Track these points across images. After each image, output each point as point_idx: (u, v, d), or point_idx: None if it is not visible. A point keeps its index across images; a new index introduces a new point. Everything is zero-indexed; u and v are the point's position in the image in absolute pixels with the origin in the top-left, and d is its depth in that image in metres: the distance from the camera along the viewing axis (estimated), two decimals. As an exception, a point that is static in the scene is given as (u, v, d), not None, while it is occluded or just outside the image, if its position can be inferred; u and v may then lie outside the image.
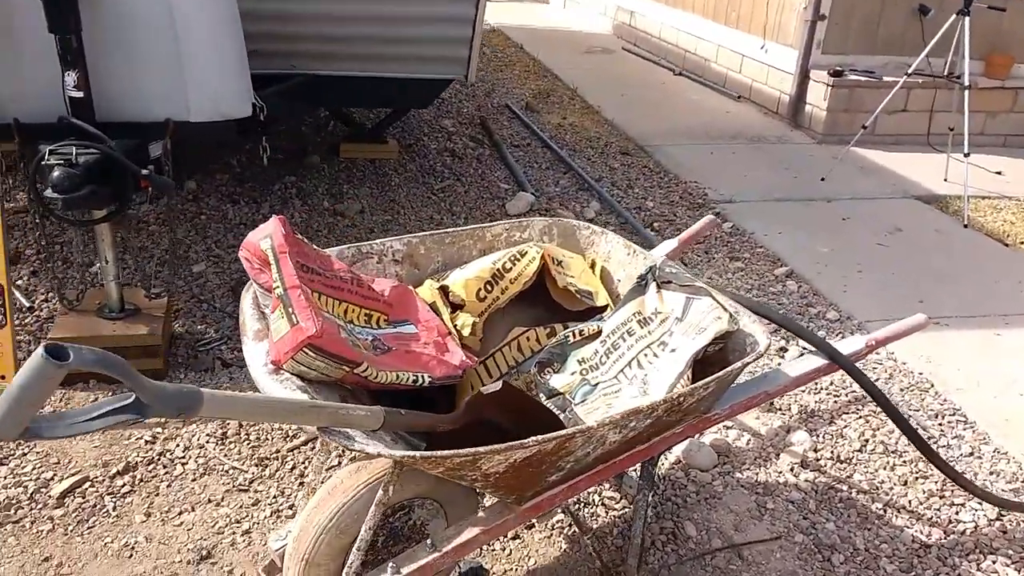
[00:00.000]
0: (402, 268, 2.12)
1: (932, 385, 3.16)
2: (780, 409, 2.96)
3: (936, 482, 2.61)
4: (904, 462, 2.70)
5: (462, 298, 2.06)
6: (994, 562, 2.33)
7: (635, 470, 2.36)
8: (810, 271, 4.11)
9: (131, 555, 2.12)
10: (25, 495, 2.25)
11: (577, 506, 2.42)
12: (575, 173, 5.16)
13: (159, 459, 2.44)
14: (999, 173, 5.71)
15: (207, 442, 2.52)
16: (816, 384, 3.06)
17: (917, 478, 2.64)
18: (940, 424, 2.94)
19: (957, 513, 2.51)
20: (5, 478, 2.31)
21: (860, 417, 2.92)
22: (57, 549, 2.11)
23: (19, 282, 3.34)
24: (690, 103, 6.97)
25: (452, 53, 3.94)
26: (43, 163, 2.45)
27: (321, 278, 1.72)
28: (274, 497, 2.34)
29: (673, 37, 8.12)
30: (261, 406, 1.25)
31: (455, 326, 1.99)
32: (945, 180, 5.43)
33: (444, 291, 2.04)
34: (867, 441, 2.81)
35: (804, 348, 3.28)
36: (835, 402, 3.01)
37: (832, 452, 2.75)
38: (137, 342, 2.78)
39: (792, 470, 2.65)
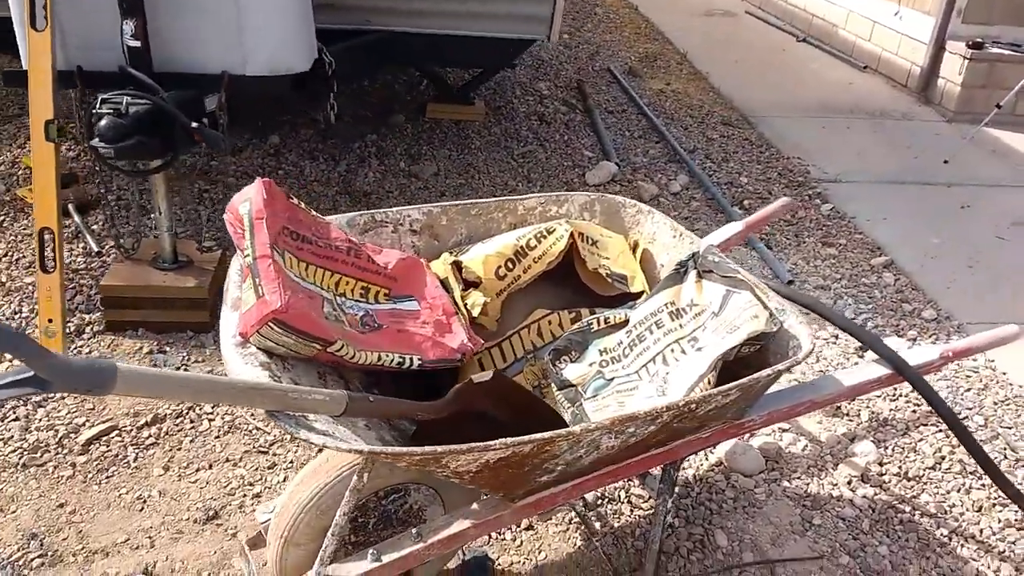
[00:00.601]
0: (420, 239, 2.01)
1: (1034, 402, 2.80)
2: (847, 414, 2.69)
3: (1015, 511, 2.29)
4: (983, 486, 2.40)
5: (478, 275, 1.93)
6: (1074, 616, 2.03)
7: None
8: (913, 263, 3.73)
9: (142, 508, 2.14)
10: (54, 439, 2.31)
11: (599, 502, 2.27)
12: (667, 143, 4.88)
13: (187, 413, 2.46)
14: None
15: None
16: (894, 389, 2.76)
17: (995, 505, 2.33)
18: (1036, 448, 2.59)
19: (1037, 552, 2.20)
20: (40, 421, 2.38)
21: (940, 431, 2.61)
22: (73, 496, 2.16)
23: (94, 227, 3.46)
24: (809, 72, 6.48)
25: (533, 11, 3.75)
26: (94, 111, 2.47)
27: (312, 247, 1.63)
28: (290, 462, 2.32)
29: (801, 0, 7.57)
30: (189, 385, 1.18)
31: (465, 305, 1.86)
32: (1092, 169, 4.82)
33: (458, 266, 1.92)
34: (943, 459, 2.50)
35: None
36: (913, 411, 2.70)
37: (900, 468, 2.47)
38: (184, 294, 2.81)
39: (849, 484, 2.40)
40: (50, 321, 2.64)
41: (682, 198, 4.30)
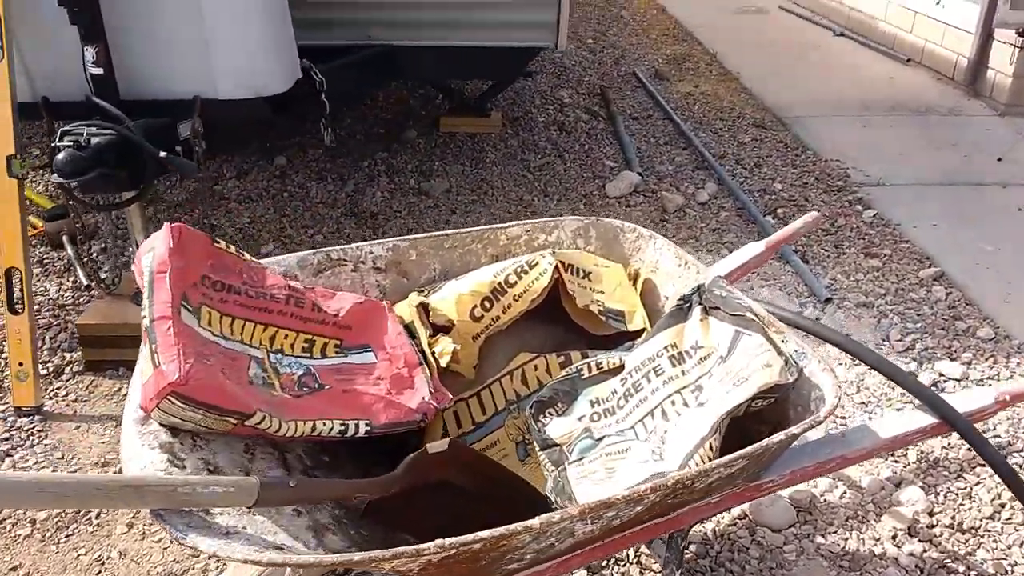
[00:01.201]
0: (386, 278, 1.78)
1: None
2: (892, 454, 2.38)
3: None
4: (1052, 542, 2.07)
5: (449, 318, 1.70)
6: None
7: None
8: (965, 274, 3.38)
9: (100, 571, 1.95)
10: (11, 497, 2.14)
11: (604, 564, 2.01)
12: (695, 149, 4.59)
13: (156, 467, 2.26)
14: None
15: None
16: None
17: (1067, 567, 2.01)
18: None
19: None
20: (6, 471, 2.22)
21: (1000, 474, 2.28)
22: (29, 557, 1.98)
23: (87, 259, 3.31)
24: (847, 68, 6.11)
25: (538, 18, 3.51)
26: (53, 144, 2.31)
27: (240, 298, 1.42)
28: (262, 522, 2.10)
29: (837, -8, 7.18)
30: (46, 489, 0.97)
31: (433, 353, 1.62)
32: None
33: (424, 309, 1.69)
34: (1002, 506, 2.18)
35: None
36: (968, 450, 2.38)
37: (953, 518, 2.15)
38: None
39: (895, 538, 2.10)
40: (20, 364, 2.49)
41: (710, 208, 4.01)
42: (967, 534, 2.12)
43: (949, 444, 2.41)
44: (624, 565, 2.03)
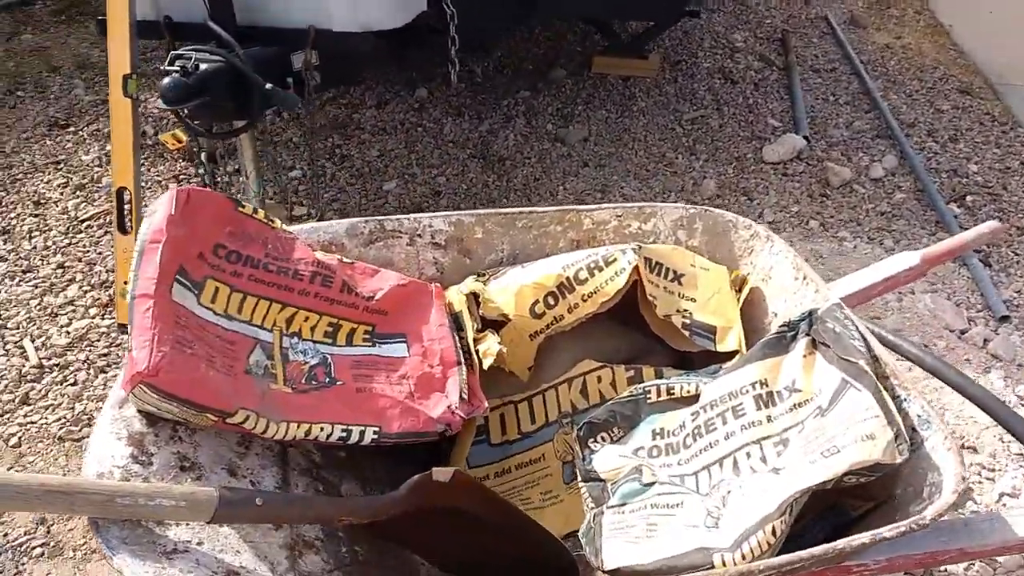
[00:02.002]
0: (445, 255, 1.58)
1: None
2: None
3: None
4: None
5: (504, 312, 1.49)
6: None
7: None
8: None
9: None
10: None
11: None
12: (880, 113, 4.01)
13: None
14: None
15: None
16: None
17: None
18: None
19: None
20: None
21: None
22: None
23: (220, 179, 3.37)
24: (1094, 28, 5.11)
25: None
26: (162, 68, 2.26)
27: (258, 272, 1.27)
28: None
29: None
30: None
31: (477, 352, 1.43)
32: None
33: (475, 298, 1.48)
34: None
35: None
36: None
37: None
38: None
39: (1031, 636, 1.72)
40: (125, 283, 2.53)
41: (883, 186, 3.49)
42: None
43: None
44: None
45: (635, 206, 1.65)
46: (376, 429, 1.25)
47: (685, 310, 1.54)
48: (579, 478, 1.38)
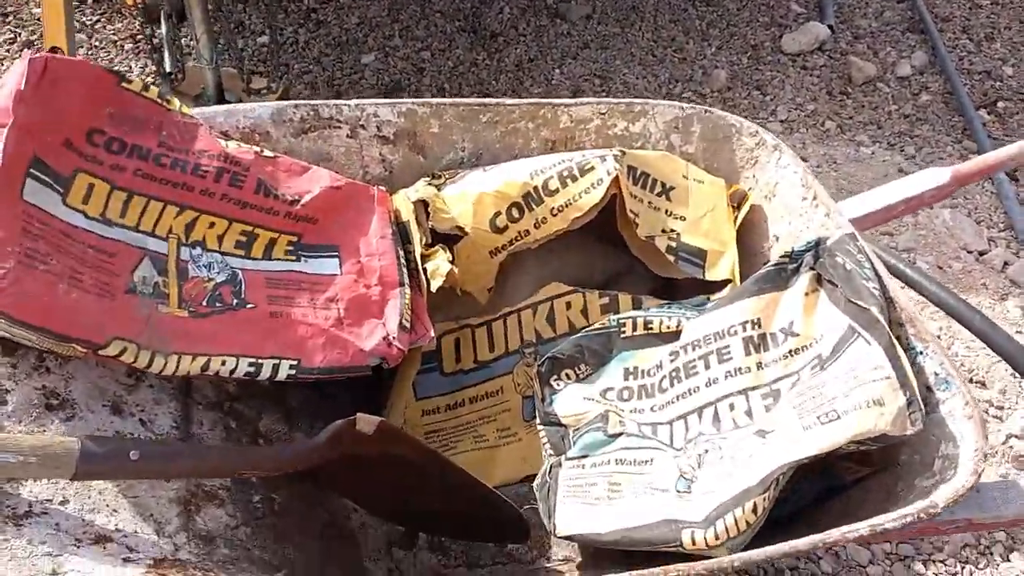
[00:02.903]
0: (395, 151, 1.34)
1: None
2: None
3: None
4: None
5: (460, 224, 1.26)
6: None
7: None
8: None
9: None
10: None
11: None
12: (914, 3, 3.63)
13: None
14: None
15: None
16: None
17: None
18: None
19: None
20: None
21: None
22: None
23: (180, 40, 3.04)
24: None
25: None
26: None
27: (147, 165, 1.04)
28: None
29: None
30: None
31: (424, 271, 1.21)
32: None
33: (425, 206, 1.25)
34: None
35: None
36: None
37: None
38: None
39: (1021, 594, 1.60)
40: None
41: (910, 86, 3.18)
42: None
43: None
44: None
45: (622, 102, 1.39)
46: (293, 363, 1.05)
47: (672, 230, 1.32)
48: (538, 421, 1.20)
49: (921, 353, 1.09)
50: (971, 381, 2.02)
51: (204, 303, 1.03)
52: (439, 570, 1.19)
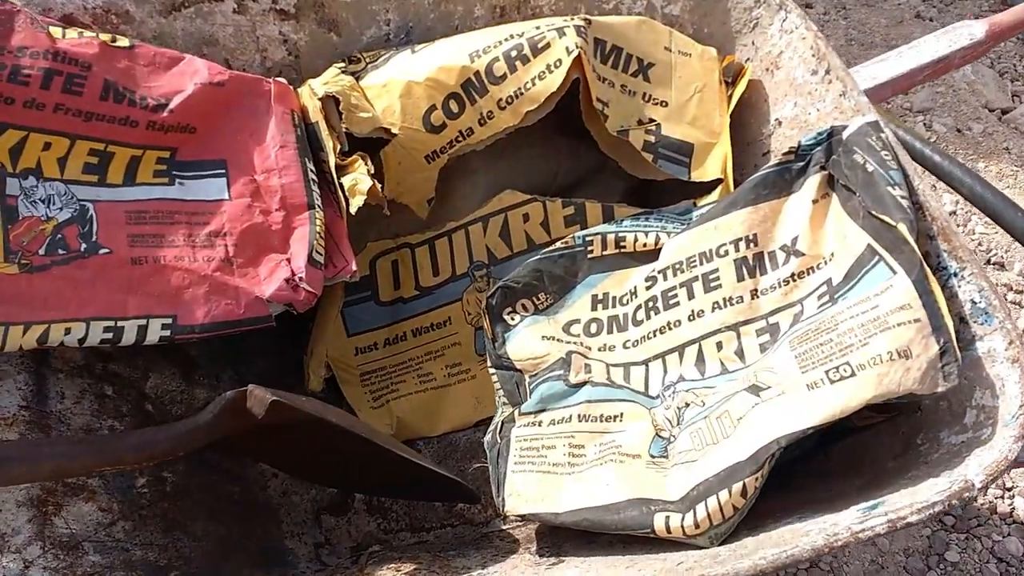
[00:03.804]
0: (299, 30, 1.06)
1: None
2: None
3: None
4: None
5: (384, 124, 1.00)
6: None
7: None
8: None
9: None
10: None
11: None
12: None
13: None
14: None
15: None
16: None
17: None
18: None
19: None
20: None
21: None
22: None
23: None
24: None
25: None
26: None
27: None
28: None
29: None
30: None
31: (341, 187, 0.97)
32: None
33: (336, 102, 0.99)
34: None
35: None
36: None
37: None
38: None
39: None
40: None
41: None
42: None
43: None
44: None
45: (590, -47, 1.10)
46: (167, 321, 0.83)
47: (650, 120, 1.06)
48: (488, 364, 1.00)
49: (956, 275, 0.87)
50: (988, 263, 1.82)
51: (41, 251, 0.80)
52: (378, 536, 1.03)
